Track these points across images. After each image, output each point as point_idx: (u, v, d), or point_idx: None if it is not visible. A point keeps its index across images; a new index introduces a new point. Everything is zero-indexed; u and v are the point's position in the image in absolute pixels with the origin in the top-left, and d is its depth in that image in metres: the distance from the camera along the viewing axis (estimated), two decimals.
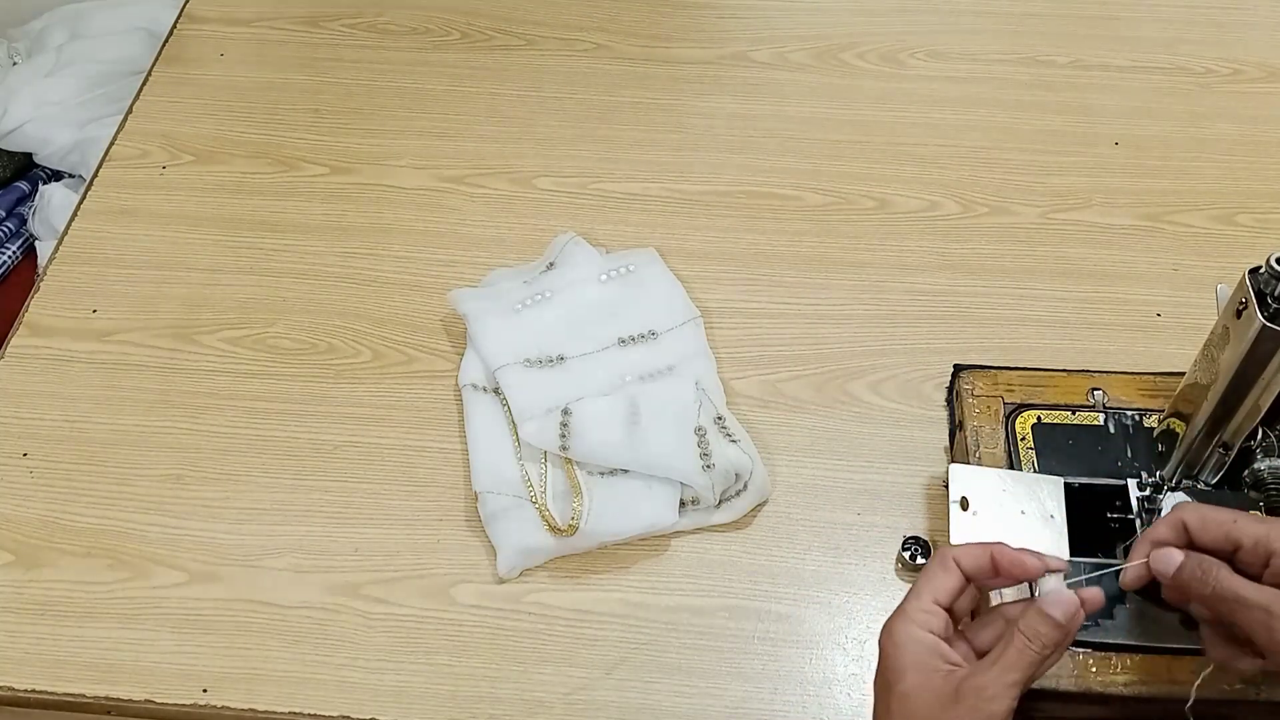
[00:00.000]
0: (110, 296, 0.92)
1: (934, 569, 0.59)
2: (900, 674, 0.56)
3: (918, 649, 0.57)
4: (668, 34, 1.13)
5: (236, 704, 0.71)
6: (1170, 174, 1.00)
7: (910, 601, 0.58)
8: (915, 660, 0.56)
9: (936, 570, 0.59)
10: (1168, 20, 1.13)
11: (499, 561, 0.76)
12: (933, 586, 0.58)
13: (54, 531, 0.79)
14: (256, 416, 0.84)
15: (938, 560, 0.59)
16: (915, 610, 0.58)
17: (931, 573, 0.59)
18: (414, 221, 0.97)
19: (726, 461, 0.77)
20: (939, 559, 0.59)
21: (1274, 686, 0.65)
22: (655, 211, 0.97)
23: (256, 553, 0.77)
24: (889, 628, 0.58)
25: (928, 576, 0.59)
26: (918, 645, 0.57)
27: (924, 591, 0.58)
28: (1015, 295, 0.91)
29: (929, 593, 0.58)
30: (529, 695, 0.71)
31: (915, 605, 0.58)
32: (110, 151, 1.03)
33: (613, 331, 0.86)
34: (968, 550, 0.59)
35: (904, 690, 0.56)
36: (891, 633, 0.58)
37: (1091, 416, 0.76)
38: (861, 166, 1.00)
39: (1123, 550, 0.70)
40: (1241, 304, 0.61)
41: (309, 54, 1.11)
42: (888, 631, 0.58)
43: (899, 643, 0.57)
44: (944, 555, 0.59)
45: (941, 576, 0.58)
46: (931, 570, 0.59)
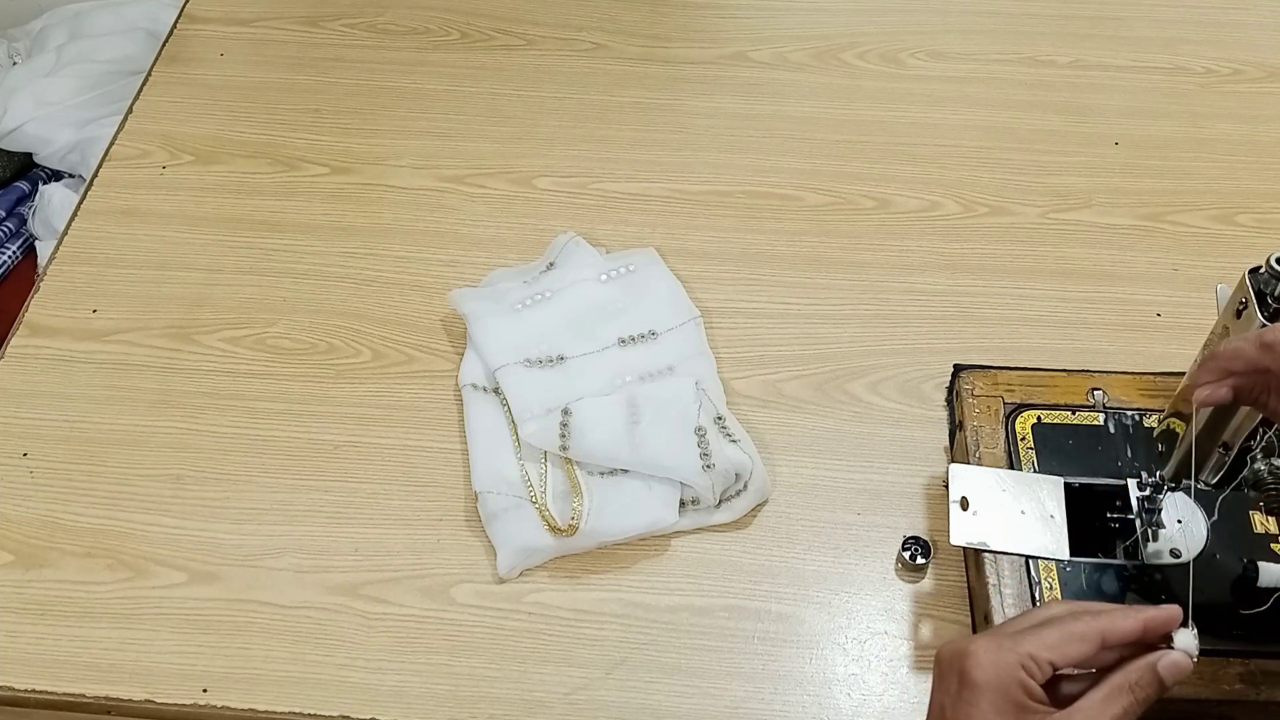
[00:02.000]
0: (110, 296, 0.92)
1: (1066, 631, 0.52)
2: (977, 692, 0.51)
3: (1006, 680, 0.51)
4: (668, 34, 1.13)
5: (236, 704, 0.71)
6: (1170, 174, 1.00)
7: (1025, 644, 0.51)
8: (999, 688, 0.51)
9: (1075, 639, 0.51)
10: (1168, 20, 1.13)
11: (499, 561, 0.76)
12: (1064, 653, 0.51)
13: (54, 531, 0.79)
14: (256, 416, 0.84)
15: (1076, 625, 0.52)
16: (1024, 656, 0.51)
17: (1066, 636, 0.52)
18: (414, 221, 0.97)
19: (726, 461, 0.77)
20: (1079, 626, 0.52)
21: (1274, 686, 0.65)
22: (655, 211, 0.97)
23: (256, 553, 0.77)
24: (973, 654, 0.52)
25: (1061, 636, 0.51)
26: (1008, 677, 0.51)
27: (1044, 648, 0.51)
28: (1015, 295, 0.91)
29: (1049, 652, 0.51)
30: (529, 695, 0.71)
31: (1025, 651, 0.51)
32: (110, 151, 1.03)
33: (613, 331, 0.86)
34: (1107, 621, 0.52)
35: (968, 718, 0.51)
36: (977, 658, 0.51)
37: (1091, 416, 0.76)
38: (861, 166, 1.00)
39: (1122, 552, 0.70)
40: (1241, 304, 0.61)
41: (309, 54, 1.11)
42: (971, 656, 0.52)
43: (984, 664, 0.51)
44: (1086, 624, 0.52)
45: (1077, 647, 0.51)
46: (1068, 632, 0.52)
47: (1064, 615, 0.53)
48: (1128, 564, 0.69)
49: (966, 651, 0.52)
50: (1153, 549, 0.69)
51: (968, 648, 0.52)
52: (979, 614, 0.71)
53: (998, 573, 0.69)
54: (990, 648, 0.52)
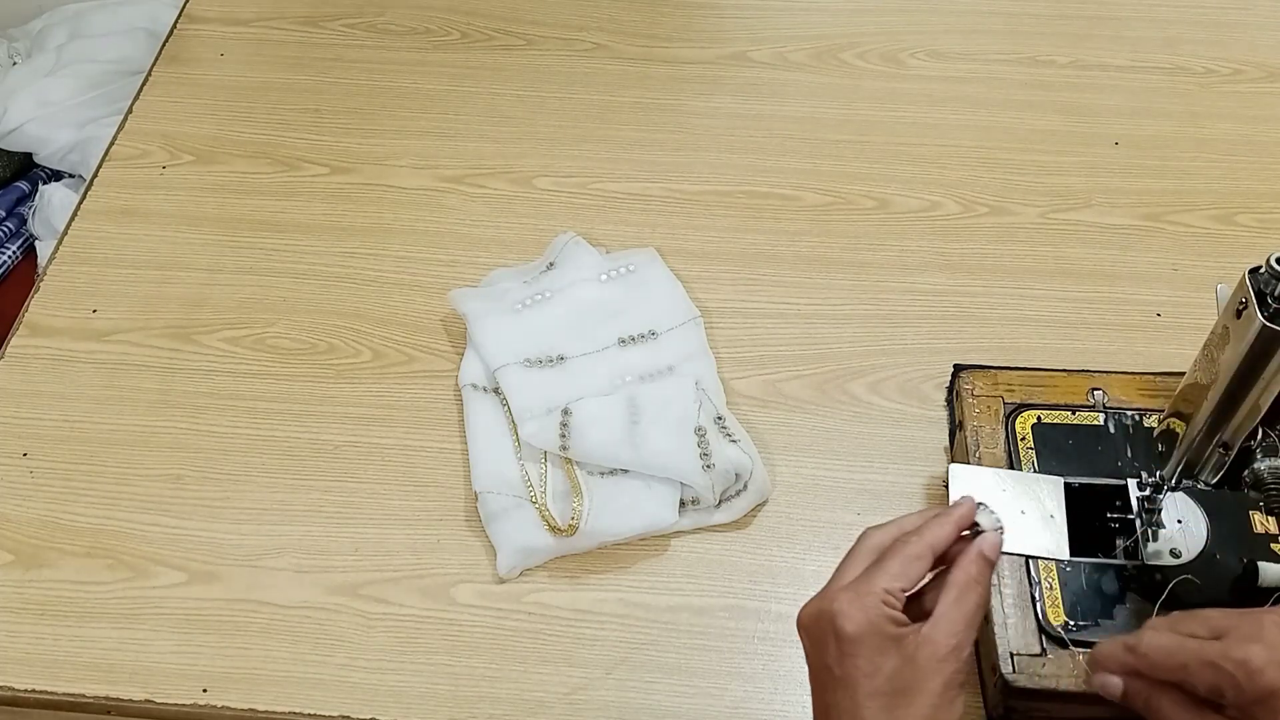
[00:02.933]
0: (110, 296, 0.92)
1: (903, 556, 0.57)
2: (857, 644, 0.55)
3: (876, 621, 0.55)
4: (668, 34, 1.13)
5: (236, 704, 0.71)
6: (1170, 174, 1.00)
7: (876, 582, 0.56)
8: (873, 630, 0.55)
9: (912, 560, 0.57)
10: (1168, 20, 1.13)
11: (499, 561, 0.76)
12: (908, 576, 0.57)
13: (54, 531, 0.79)
14: (256, 416, 0.84)
15: (908, 548, 0.57)
16: (880, 593, 0.56)
17: (905, 560, 0.57)
18: (414, 221, 0.97)
19: (726, 461, 0.77)
20: (911, 548, 0.57)
21: None
22: (655, 211, 0.97)
23: (256, 553, 0.77)
24: (840, 611, 0.56)
25: (901, 563, 0.57)
26: (876, 617, 0.55)
27: (892, 578, 0.56)
28: (1015, 295, 0.91)
29: (897, 581, 0.56)
30: (529, 695, 0.71)
31: (880, 588, 0.56)
32: (110, 151, 1.03)
33: (613, 331, 0.86)
34: (931, 535, 0.58)
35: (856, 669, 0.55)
36: (845, 614, 0.55)
37: (1091, 416, 0.76)
38: (861, 166, 1.00)
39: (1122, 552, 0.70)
40: (1241, 304, 0.61)
41: (309, 54, 1.11)
42: (840, 614, 0.56)
43: (852, 616, 0.55)
44: (916, 544, 0.57)
45: (916, 566, 0.57)
46: (905, 556, 0.57)
47: (890, 543, 0.59)
48: (1128, 564, 0.69)
49: (832, 611, 0.56)
50: (1153, 549, 0.69)
51: (831, 607, 0.56)
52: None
53: (998, 573, 0.69)
54: (851, 599, 0.56)
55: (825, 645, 0.56)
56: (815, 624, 0.57)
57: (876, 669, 0.55)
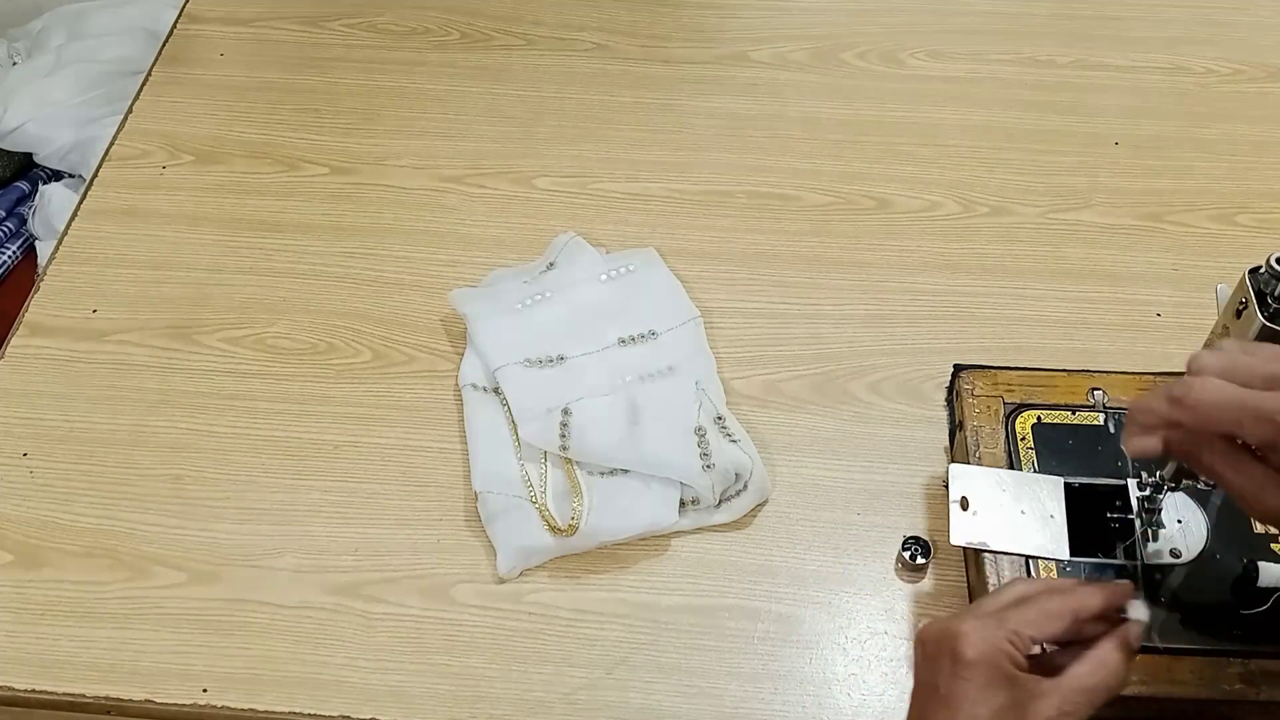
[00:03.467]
0: (110, 296, 0.92)
1: (1045, 609, 0.56)
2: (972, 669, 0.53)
3: (996, 655, 0.54)
4: (668, 34, 1.13)
5: (236, 704, 0.71)
6: (1170, 174, 1.00)
7: (1009, 622, 0.55)
8: (991, 662, 0.54)
9: (1052, 617, 0.55)
10: (1168, 20, 1.13)
11: (499, 561, 0.76)
12: (1042, 629, 0.55)
13: (54, 531, 0.79)
14: (256, 416, 0.84)
15: (1052, 604, 0.56)
16: (1010, 633, 0.54)
17: (1044, 614, 0.55)
18: (414, 221, 0.97)
19: (726, 461, 0.77)
20: (1055, 604, 0.56)
21: (1274, 686, 0.65)
22: (655, 211, 0.97)
23: (256, 553, 0.77)
24: (964, 634, 0.54)
25: (1039, 614, 0.55)
26: (997, 652, 0.54)
27: (1026, 625, 0.55)
28: (1015, 295, 0.91)
29: (1031, 629, 0.55)
30: (529, 695, 0.71)
31: (1011, 628, 0.54)
32: (110, 151, 1.03)
33: (613, 331, 0.86)
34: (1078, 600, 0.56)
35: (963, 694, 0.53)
36: (968, 638, 0.54)
37: (1091, 416, 0.76)
38: (861, 166, 1.00)
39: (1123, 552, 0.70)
40: (1241, 304, 0.61)
41: (309, 54, 1.11)
42: (963, 636, 0.54)
43: (975, 643, 0.54)
44: (1061, 603, 0.56)
45: (1055, 624, 0.55)
46: (1045, 611, 0.56)
47: (1035, 594, 0.57)
48: (1128, 564, 0.69)
49: (957, 632, 0.55)
50: (1153, 549, 0.69)
51: (958, 628, 0.55)
52: None
53: (998, 573, 0.69)
54: (979, 627, 0.55)
55: (939, 663, 0.55)
56: (935, 641, 0.56)
57: (982, 700, 0.53)
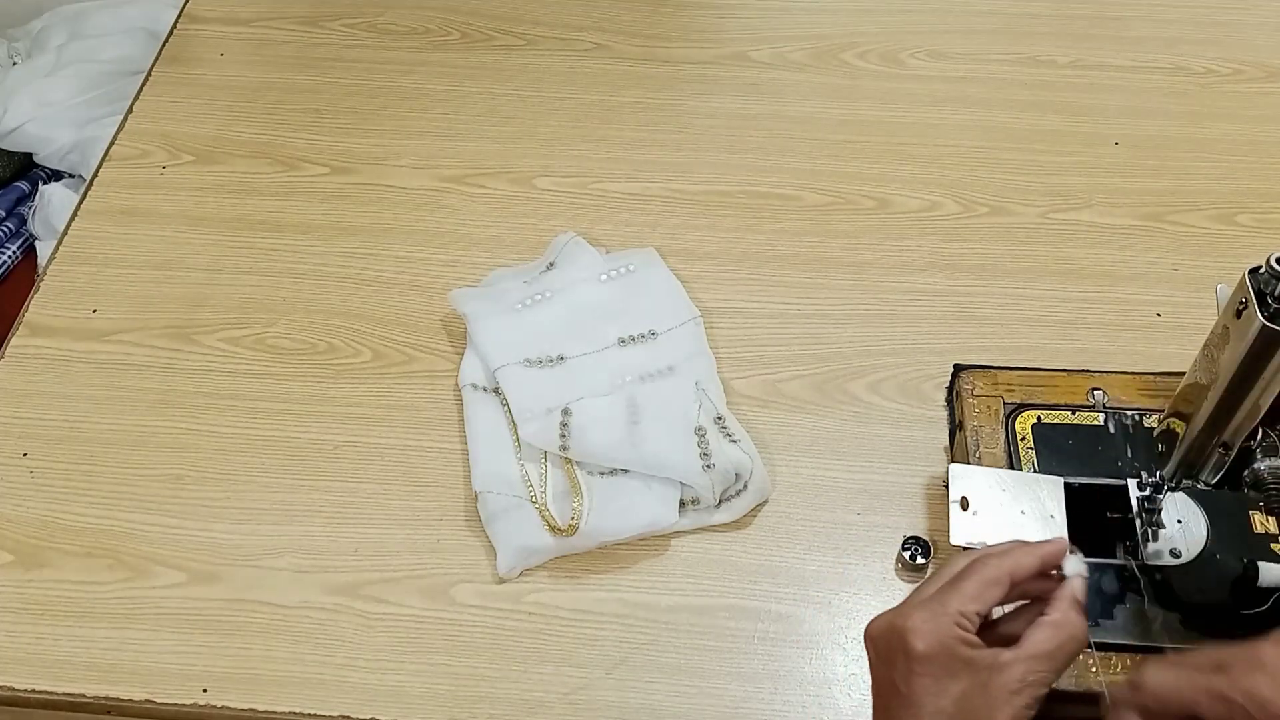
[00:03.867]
0: (110, 296, 0.92)
1: (981, 579, 0.56)
2: (927, 662, 0.54)
3: (948, 641, 0.54)
4: (668, 34, 1.13)
5: (236, 704, 0.71)
6: (1170, 174, 1.00)
7: (952, 603, 0.55)
8: (945, 650, 0.54)
9: (990, 585, 0.56)
10: (1168, 20, 1.13)
11: (499, 561, 0.76)
12: (984, 600, 0.55)
13: (54, 531, 0.79)
14: (256, 416, 0.84)
15: (986, 571, 0.56)
16: (955, 614, 0.54)
17: (982, 584, 0.56)
18: (414, 221, 0.97)
19: (726, 461, 0.77)
20: (989, 571, 0.56)
21: None
22: (655, 211, 0.97)
23: (256, 553, 0.77)
24: (912, 628, 0.54)
25: (978, 586, 0.55)
26: (948, 638, 0.54)
27: (968, 600, 0.55)
28: (1015, 295, 0.91)
29: (973, 603, 0.55)
30: (529, 695, 0.71)
31: (955, 609, 0.55)
32: (110, 151, 1.03)
33: (613, 331, 0.86)
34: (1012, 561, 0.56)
35: (923, 688, 0.53)
36: (918, 631, 0.54)
37: (1091, 416, 0.76)
38: (861, 166, 1.00)
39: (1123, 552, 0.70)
40: (1241, 304, 0.61)
41: (309, 54, 1.11)
42: (912, 631, 0.54)
43: (925, 634, 0.54)
44: (995, 568, 0.56)
45: (993, 591, 0.56)
46: (983, 580, 0.56)
47: (970, 567, 0.57)
48: (1128, 564, 0.69)
49: (905, 628, 0.55)
50: (1153, 549, 0.69)
51: (905, 624, 0.55)
52: None
53: None
54: (925, 617, 0.55)
55: (893, 661, 0.55)
56: (885, 638, 0.56)
57: (944, 690, 0.54)
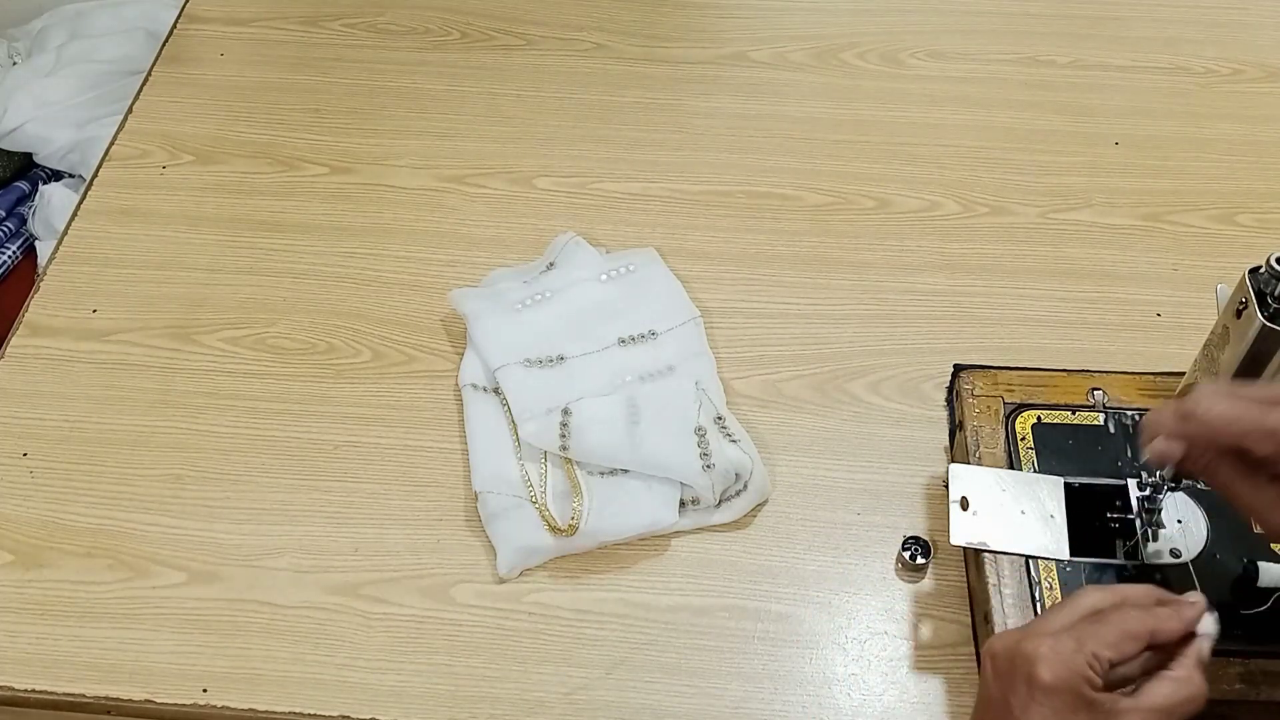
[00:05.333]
0: (110, 296, 0.92)
1: (1123, 630, 0.54)
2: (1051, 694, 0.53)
3: (1076, 680, 0.53)
4: (668, 34, 1.13)
5: (236, 704, 0.71)
6: (1170, 174, 1.00)
7: (1088, 644, 0.54)
8: (1071, 688, 0.53)
9: (1131, 639, 0.54)
10: (1168, 20, 1.13)
11: (499, 561, 0.76)
12: (1121, 651, 0.54)
13: (54, 531, 0.79)
14: (256, 416, 0.84)
15: (1130, 624, 0.55)
16: (1089, 655, 0.53)
17: (1123, 635, 0.54)
18: (414, 221, 0.97)
19: (726, 461, 0.77)
20: (1133, 624, 0.55)
21: (1274, 686, 0.65)
22: (655, 211, 0.97)
23: (256, 553, 0.78)
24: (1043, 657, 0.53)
25: (1118, 635, 0.54)
26: (1077, 677, 0.53)
27: (1105, 646, 0.54)
28: (1015, 295, 0.91)
29: (1109, 650, 0.54)
30: (529, 695, 0.71)
31: (1090, 650, 0.53)
32: (110, 151, 1.03)
33: (613, 331, 0.86)
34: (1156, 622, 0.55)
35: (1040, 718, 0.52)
36: (1047, 661, 0.53)
37: (1091, 416, 0.76)
38: (861, 166, 1.00)
39: (1123, 552, 0.70)
40: (1241, 304, 0.61)
41: (309, 54, 1.11)
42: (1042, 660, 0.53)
43: (1054, 666, 0.53)
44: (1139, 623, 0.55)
45: (1132, 645, 0.54)
46: (1124, 631, 0.54)
47: (1110, 609, 0.56)
48: (1128, 564, 0.69)
49: (1034, 654, 0.54)
50: (1153, 549, 0.69)
51: (1036, 650, 0.54)
52: (979, 614, 0.71)
53: (998, 573, 0.69)
54: (1056, 648, 0.54)
55: (1013, 683, 0.54)
56: (1009, 659, 0.55)
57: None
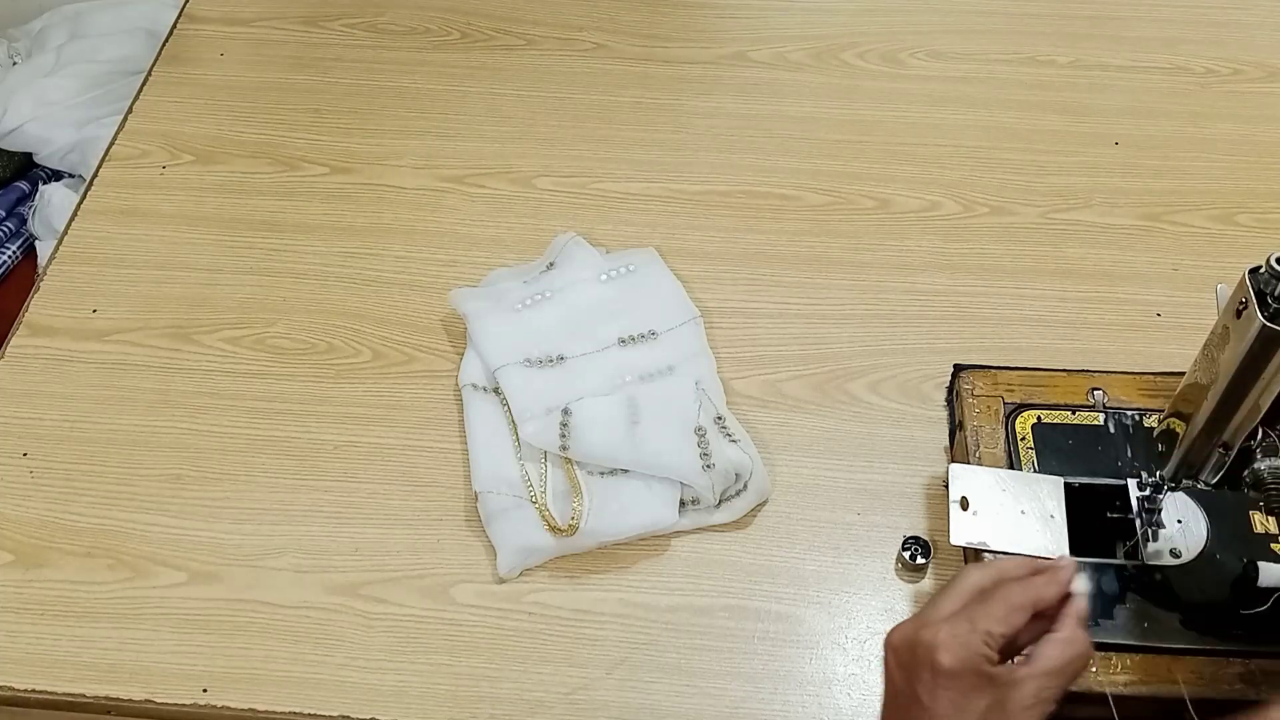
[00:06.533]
0: (110, 296, 0.92)
1: (1009, 604, 0.57)
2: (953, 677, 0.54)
3: (975, 660, 0.55)
4: (668, 34, 1.13)
5: (236, 704, 0.71)
6: (1170, 174, 1.00)
7: (980, 623, 0.56)
8: (971, 668, 0.55)
9: (1016, 610, 0.56)
10: (1168, 20, 1.13)
11: (499, 561, 0.76)
12: (1009, 624, 0.56)
13: (54, 531, 0.79)
14: (256, 416, 0.84)
15: (1013, 597, 0.57)
16: (983, 634, 0.55)
17: (1009, 609, 0.56)
18: (414, 221, 0.97)
19: (726, 461, 0.77)
20: (1016, 597, 0.57)
21: (1274, 686, 0.65)
22: (655, 211, 0.97)
23: (256, 553, 0.78)
24: (941, 644, 0.55)
25: (1005, 610, 0.56)
26: (975, 656, 0.55)
27: (995, 623, 0.56)
28: (1015, 295, 0.91)
29: (1000, 625, 0.56)
30: (529, 695, 0.71)
31: (983, 629, 0.55)
32: (110, 151, 1.03)
33: (613, 331, 0.86)
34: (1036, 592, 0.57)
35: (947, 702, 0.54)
36: (946, 646, 0.55)
37: (1091, 416, 0.76)
38: (861, 166, 1.00)
39: (1123, 552, 0.70)
40: (1241, 304, 0.61)
41: (309, 54, 1.11)
42: (940, 645, 0.55)
43: (953, 650, 0.55)
44: (1021, 594, 0.57)
45: (1018, 616, 0.56)
46: (1010, 605, 0.57)
47: (993, 586, 0.58)
48: (1128, 564, 0.69)
49: (932, 642, 0.56)
50: (1153, 549, 0.69)
51: (930, 638, 0.56)
52: None
53: None
54: (953, 634, 0.56)
55: (917, 673, 0.56)
56: (909, 649, 0.57)
57: (967, 705, 0.55)
